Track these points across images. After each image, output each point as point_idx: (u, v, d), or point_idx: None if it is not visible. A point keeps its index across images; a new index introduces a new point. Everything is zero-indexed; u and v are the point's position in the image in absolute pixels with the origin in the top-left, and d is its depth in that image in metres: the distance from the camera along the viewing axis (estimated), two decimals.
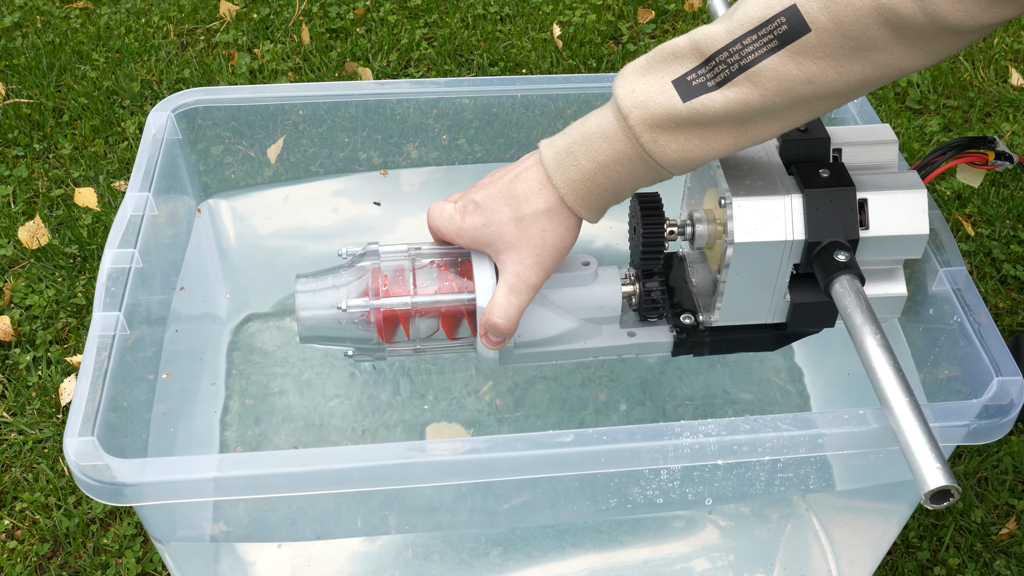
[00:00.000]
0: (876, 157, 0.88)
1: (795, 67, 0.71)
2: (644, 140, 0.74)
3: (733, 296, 0.85)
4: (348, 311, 0.84)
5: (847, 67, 0.71)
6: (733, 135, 0.75)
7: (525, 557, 1.00)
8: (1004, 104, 1.82)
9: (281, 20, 1.99)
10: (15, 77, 1.84)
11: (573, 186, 0.78)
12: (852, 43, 0.70)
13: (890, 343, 0.74)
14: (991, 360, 0.83)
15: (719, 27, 0.73)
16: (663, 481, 0.83)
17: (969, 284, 0.90)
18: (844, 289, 0.79)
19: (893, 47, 0.70)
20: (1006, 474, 1.27)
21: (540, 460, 0.76)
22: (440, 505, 0.88)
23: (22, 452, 1.28)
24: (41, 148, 1.71)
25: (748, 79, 0.71)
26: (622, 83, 0.75)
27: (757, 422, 0.78)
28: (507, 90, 1.13)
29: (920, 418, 0.69)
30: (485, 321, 0.82)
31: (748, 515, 1.04)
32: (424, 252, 0.87)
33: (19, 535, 1.20)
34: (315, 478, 0.75)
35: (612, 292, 0.89)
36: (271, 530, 0.91)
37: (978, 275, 1.51)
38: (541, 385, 1.15)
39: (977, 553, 1.20)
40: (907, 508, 0.97)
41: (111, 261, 0.90)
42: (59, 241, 1.53)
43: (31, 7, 2.02)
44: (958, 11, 0.67)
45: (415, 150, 1.18)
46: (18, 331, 1.41)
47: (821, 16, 0.69)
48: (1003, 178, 1.66)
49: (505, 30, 1.98)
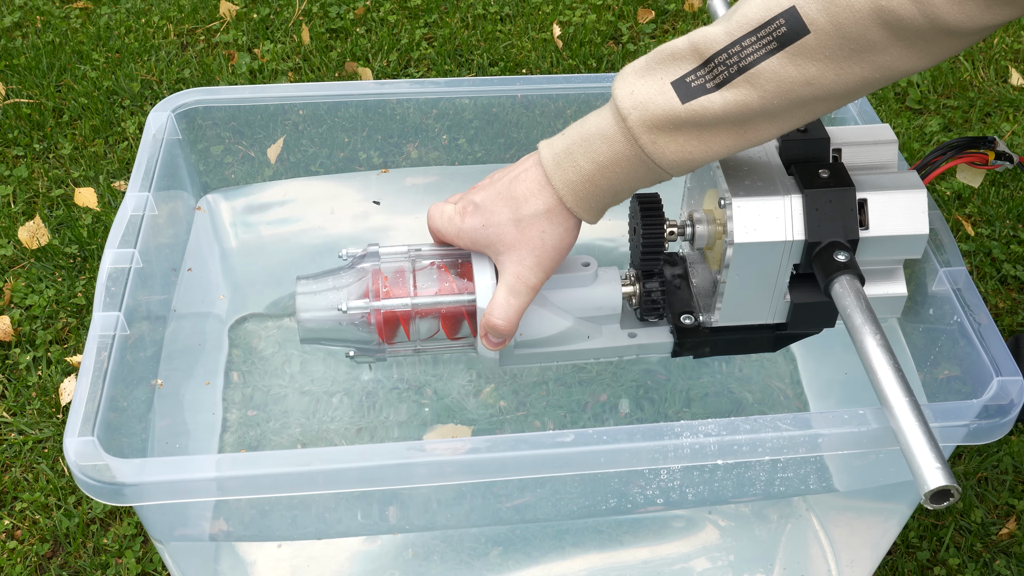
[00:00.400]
0: (876, 157, 0.88)
1: (794, 69, 0.71)
2: (643, 141, 0.74)
3: (733, 296, 0.85)
4: (348, 312, 0.84)
5: (846, 69, 0.71)
6: (732, 136, 0.75)
7: (525, 557, 1.00)
8: (1004, 104, 1.82)
9: (281, 20, 1.99)
10: (15, 77, 1.84)
11: (572, 187, 0.78)
12: (851, 45, 0.70)
13: (890, 343, 0.74)
14: (991, 360, 0.83)
15: (718, 28, 0.73)
16: (663, 481, 0.83)
17: (969, 284, 0.90)
18: (844, 289, 0.79)
19: (892, 49, 0.70)
20: (1006, 474, 1.27)
21: (540, 460, 0.76)
22: (440, 504, 0.88)
23: (22, 452, 1.28)
24: (41, 148, 1.71)
25: (747, 81, 0.72)
26: (621, 84, 0.75)
27: (757, 422, 0.78)
28: (507, 90, 1.13)
29: (920, 418, 0.69)
30: (485, 322, 0.82)
31: (748, 515, 1.04)
32: (424, 253, 0.87)
33: (19, 535, 1.20)
34: (315, 478, 0.75)
35: (612, 293, 0.89)
36: (271, 530, 0.91)
37: (978, 275, 1.51)
38: (541, 386, 1.15)
39: (977, 553, 1.20)
40: (907, 508, 0.97)
41: (111, 261, 0.90)
42: (59, 241, 1.53)
43: (31, 7, 2.02)
44: (957, 13, 0.67)
45: (415, 150, 1.18)
46: (18, 331, 1.41)
47: (820, 18, 0.69)
48: (1003, 178, 1.66)
49: (505, 30, 1.98)
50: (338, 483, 0.76)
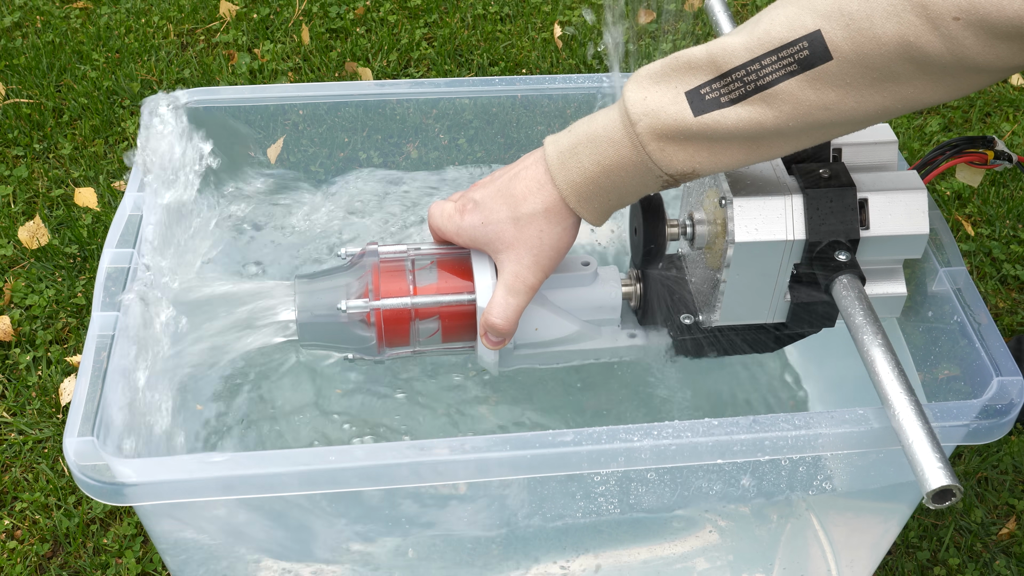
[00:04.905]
0: (876, 157, 0.88)
1: (813, 93, 0.69)
2: (650, 149, 0.74)
3: (733, 296, 0.85)
4: (348, 312, 0.83)
5: (867, 97, 0.69)
6: (743, 151, 0.73)
7: (525, 557, 1.00)
8: (1004, 104, 1.82)
9: (281, 20, 1.99)
10: (15, 77, 1.84)
11: (575, 187, 0.78)
12: (874, 75, 0.68)
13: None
14: (991, 360, 0.83)
15: (738, 41, 0.71)
16: (663, 480, 0.83)
17: (969, 284, 0.90)
18: (845, 289, 0.79)
19: (916, 82, 0.68)
20: (1006, 474, 1.27)
21: (540, 460, 0.76)
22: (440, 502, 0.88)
23: (22, 452, 1.28)
24: (41, 148, 1.71)
25: (763, 99, 0.70)
26: (634, 88, 0.74)
27: (757, 422, 0.78)
28: (507, 90, 1.13)
29: (922, 417, 0.69)
30: (484, 321, 0.82)
31: (748, 515, 1.04)
32: (424, 252, 0.87)
33: (19, 535, 1.20)
34: (315, 478, 0.75)
35: (612, 293, 0.89)
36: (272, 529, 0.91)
37: (978, 275, 1.51)
38: (541, 387, 1.15)
39: (977, 553, 1.20)
40: (907, 508, 0.97)
41: (110, 261, 0.90)
42: (59, 241, 1.53)
43: (31, 7, 2.02)
44: (987, 54, 0.65)
45: (415, 150, 1.18)
46: (18, 331, 1.41)
47: (845, 46, 0.67)
48: (1003, 178, 1.66)
49: (505, 30, 1.98)
50: (338, 483, 0.76)
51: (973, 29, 0.64)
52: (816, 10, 0.68)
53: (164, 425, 0.87)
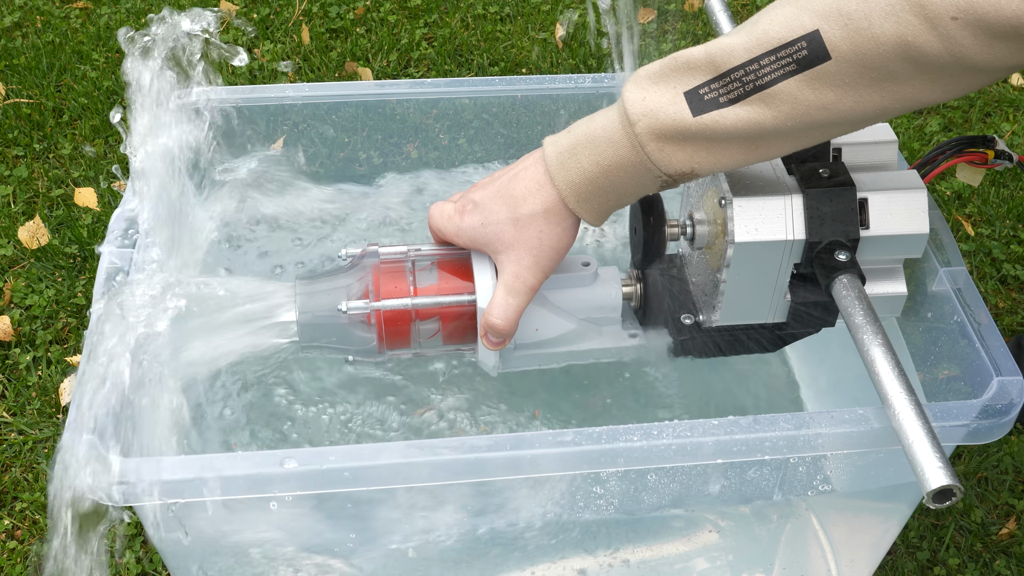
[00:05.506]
0: (876, 156, 0.88)
1: (811, 93, 0.69)
2: (649, 149, 0.74)
3: (733, 296, 0.85)
4: (348, 313, 0.83)
5: (865, 96, 0.69)
6: (742, 151, 0.74)
7: (524, 557, 1.00)
8: (1004, 104, 1.82)
9: (281, 20, 2.00)
10: (15, 77, 1.84)
11: (574, 188, 0.78)
12: (872, 74, 0.68)
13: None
14: (991, 360, 0.83)
15: (737, 41, 0.71)
16: (663, 480, 0.83)
17: (969, 284, 0.90)
18: (845, 289, 0.79)
19: (914, 81, 0.68)
20: (1006, 474, 1.27)
21: (540, 459, 0.76)
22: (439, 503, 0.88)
23: (22, 452, 1.28)
24: (41, 148, 1.71)
25: (762, 100, 0.70)
26: (633, 88, 0.74)
27: (757, 422, 0.78)
28: (507, 90, 1.13)
29: (922, 417, 0.69)
30: (484, 322, 0.82)
31: (748, 515, 1.04)
32: (424, 253, 0.87)
33: (19, 535, 1.20)
34: (314, 478, 0.75)
35: (612, 293, 0.89)
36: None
37: (978, 275, 1.51)
38: (541, 387, 1.15)
39: (977, 553, 1.20)
40: (907, 508, 0.97)
41: (109, 260, 0.90)
42: (59, 241, 1.53)
43: (31, 7, 2.02)
44: (986, 54, 0.65)
45: (415, 150, 1.18)
46: (18, 331, 1.41)
47: (843, 46, 0.67)
48: (1003, 178, 1.66)
49: (505, 30, 1.98)
50: (337, 483, 0.76)
51: (971, 29, 0.64)
52: (814, 10, 0.68)
53: (164, 425, 0.87)
